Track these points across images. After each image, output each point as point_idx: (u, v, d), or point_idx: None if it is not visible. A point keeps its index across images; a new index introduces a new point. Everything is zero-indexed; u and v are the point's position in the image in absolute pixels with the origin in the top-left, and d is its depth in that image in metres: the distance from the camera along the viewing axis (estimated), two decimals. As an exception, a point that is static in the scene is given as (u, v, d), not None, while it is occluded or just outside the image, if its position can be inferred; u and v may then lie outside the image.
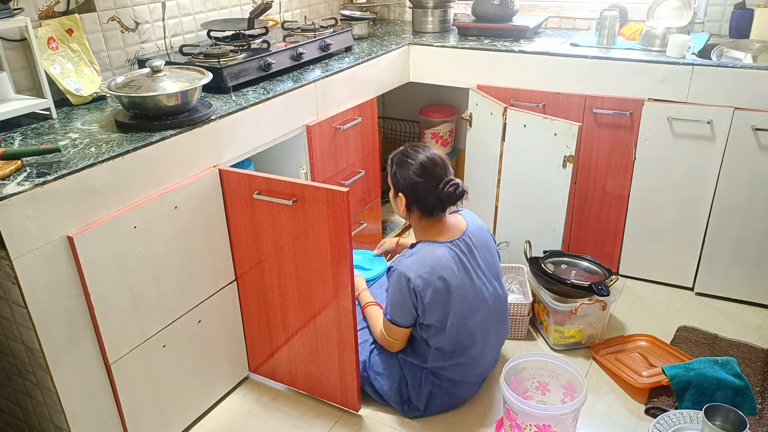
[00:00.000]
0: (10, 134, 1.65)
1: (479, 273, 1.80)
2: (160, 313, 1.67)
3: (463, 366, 1.83)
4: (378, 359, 1.89)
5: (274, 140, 2.00)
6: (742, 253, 2.29)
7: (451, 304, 1.73)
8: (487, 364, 1.91)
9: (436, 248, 1.73)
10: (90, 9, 1.98)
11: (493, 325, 1.85)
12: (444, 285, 1.71)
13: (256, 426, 1.90)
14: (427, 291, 1.69)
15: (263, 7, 2.24)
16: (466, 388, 1.90)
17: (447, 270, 1.71)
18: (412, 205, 1.78)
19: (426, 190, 1.73)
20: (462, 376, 1.85)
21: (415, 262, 1.71)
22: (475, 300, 1.77)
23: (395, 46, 2.56)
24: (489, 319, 1.82)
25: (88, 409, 1.55)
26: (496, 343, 1.94)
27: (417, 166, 1.74)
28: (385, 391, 1.88)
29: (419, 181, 1.73)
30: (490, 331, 1.85)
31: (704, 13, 2.55)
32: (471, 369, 1.85)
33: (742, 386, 1.82)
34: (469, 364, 1.83)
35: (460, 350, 1.79)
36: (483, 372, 1.92)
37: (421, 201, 1.76)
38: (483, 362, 1.88)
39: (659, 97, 2.24)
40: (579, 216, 2.55)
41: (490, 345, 1.88)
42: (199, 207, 1.72)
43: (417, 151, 1.77)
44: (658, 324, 2.29)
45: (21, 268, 1.34)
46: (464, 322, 1.76)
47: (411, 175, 1.74)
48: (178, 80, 1.74)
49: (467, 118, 2.59)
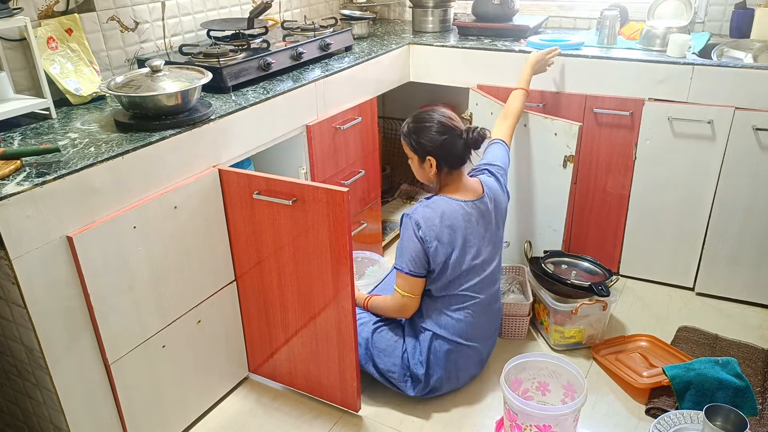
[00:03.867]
0: (9, 134, 1.65)
1: (488, 237, 1.88)
2: (159, 313, 1.67)
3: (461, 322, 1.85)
4: (380, 336, 1.91)
5: (273, 140, 1.99)
6: (743, 253, 2.29)
7: (452, 257, 1.80)
8: (482, 329, 1.91)
9: (450, 203, 1.82)
10: (89, 9, 1.98)
11: (489, 294, 1.90)
12: (451, 240, 1.79)
13: (256, 426, 1.90)
14: (433, 243, 1.78)
15: (263, 7, 2.23)
16: (463, 354, 1.89)
17: (458, 226, 1.80)
18: (441, 163, 1.84)
19: (452, 144, 1.82)
20: (452, 332, 1.85)
21: (428, 212, 1.80)
22: (475, 260, 1.84)
23: (395, 46, 2.56)
24: (485, 285, 1.88)
25: (87, 409, 1.55)
26: (489, 320, 1.95)
27: (437, 126, 1.82)
28: (388, 366, 1.89)
29: (444, 138, 1.81)
30: (483, 296, 1.89)
31: (705, 13, 2.55)
32: (468, 327, 1.86)
33: (742, 386, 1.82)
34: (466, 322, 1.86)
35: (462, 304, 1.85)
36: (473, 339, 1.89)
37: (449, 156, 1.83)
38: (477, 324, 1.88)
39: (660, 96, 2.24)
40: (579, 216, 2.54)
41: (483, 312, 1.90)
42: (198, 207, 1.72)
43: (430, 114, 1.84)
44: (659, 324, 2.29)
45: (20, 268, 1.34)
46: (463, 277, 1.84)
47: (435, 136, 1.81)
48: (177, 80, 1.74)
49: (467, 118, 2.59)
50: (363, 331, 1.92)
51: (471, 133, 1.81)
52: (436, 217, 1.79)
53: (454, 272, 1.82)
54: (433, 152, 1.83)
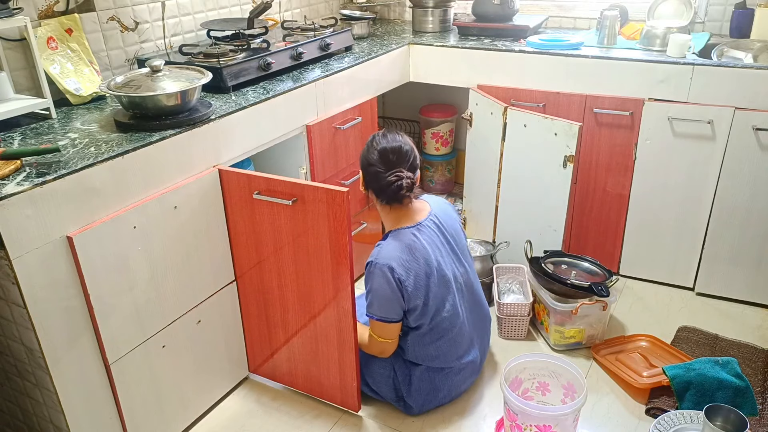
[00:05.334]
0: (9, 134, 1.65)
1: (448, 251, 1.83)
2: (159, 314, 1.67)
3: (441, 347, 1.82)
4: (371, 360, 1.89)
5: (274, 140, 1.99)
6: (743, 253, 2.29)
7: (429, 285, 1.75)
8: (466, 346, 1.88)
9: (406, 235, 1.76)
10: (89, 9, 1.98)
11: (466, 305, 1.87)
12: (423, 269, 1.74)
13: (256, 426, 1.90)
14: (410, 278, 1.71)
15: (263, 7, 2.23)
16: (450, 378, 1.87)
17: (423, 252, 1.74)
18: (368, 186, 1.81)
19: (375, 174, 1.76)
20: (443, 360, 1.83)
21: (392, 251, 1.72)
22: (444, 280, 1.79)
23: (395, 46, 2.56)
24: (461, 298, 1.85)
25: (87, 409, 1.55)
26: (476, 327, 1.94)
27: (376, 154, 1.76)
28: (382, 391, 1.90)
29: (375, 167, 1.75)
30: (462, 310, 1.85)
31: (705, 13, 2.55)
32: (450, 349, 1.83)
33: (742, 386, 1.82)
34: (447, 344, 1.82)
35: (437, 329, 1.80)
36: (464, 355, 1.87)
37: (377, 187, 1.78)
38: (462, 343, 1.86)
39: (660, 96, 2.24)
40: (579, 216, 2.54)
41: (466, 326, 1.87)
42: (198, 207, 1.72)
43: (384, 138, 1.78)
44: (659, 324, 2.29)
45: (20, 268, 1.34)
46: (440, 301, 1.78)
47: (369, 160, 1.77)
48: (177, 80, 1.74)
49: (467, 118, 2.59)
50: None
51: (391, 175, 1.72)
52: (404, 252, 1.72)
53: (434, 302, 1.77)
54: (363, 174, 1.81)
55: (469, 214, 2.75)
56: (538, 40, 2.47)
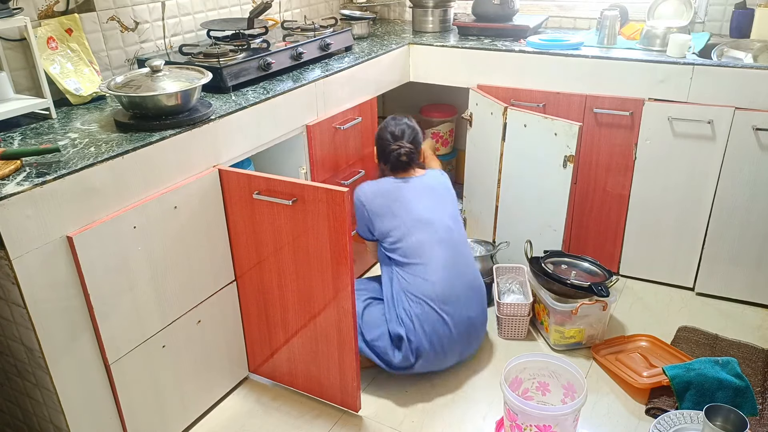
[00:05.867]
0: (9, 134, 1.65)
1: (428, 203, 2.07)
2: (159, 313, 1.67)
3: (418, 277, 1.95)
4: (369, 311, 2.02)
5: (274, 140, 1.99)
6: (743, 253, 2.29)
7: (396, 214, 2.03)
8: (452, 297, 1.96)
9: (387, 179, 2.14)
10: (89, 9, 1.98)
11: (441, 250, 2.00)
12: (387, 199, 2.05)
13: (256, 426, 1.90)
14: (374, 202, 2.05)
15: (263, 7, 2.23)
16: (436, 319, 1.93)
17: (393, 189, 2.08)
18: (379, 156, 2.22)
19: (385, 146, 2.17)
20: (422, 293, 1.93)
21: (368, 184, 2.13)
22: (422, 221, 2.03)
23: (395, 46, 2.56)
24: (434, 242, 2.00)
25: (87, 409, 1.55)
26: (460, 275, 2.01)
27: (387, 131, 2.19)
28: (375, 336, 1.96)
29: (384, 140, 2.18)
30: (437, 253, 1.99)
31: (705, 13, 2.55)
32: (426, 284, 1.94)
33: (742, 386, 1.82)
34: (422, 279, 1.95)
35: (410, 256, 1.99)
36: (449, 302, 1.95)
37: (381, 154, 2.20)
38: (436, 281, 1.95)
39: (660, 96, 2.24)
40: (579, 216, 2.54)
41: (440, 266, 1.97)
42: (198, 207, 1.72)
43: (394, 120, 2.22)
44: (659, 324, 2.29)
45: (20, 268, 1.34)
46: (408, 235, 2.00)
47: (380, 135, 2.21)
48: (177, 80, 1.74)
49: (467, 118, 2.59)
50: (357, 307, 1.95)
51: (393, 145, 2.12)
52: (375, 184, 2.12)
53: (401, 223, 2.01)
54: (376, 144, 2.24)
55: (469, 214, 2.75)
56: (538, 40, 2.47)
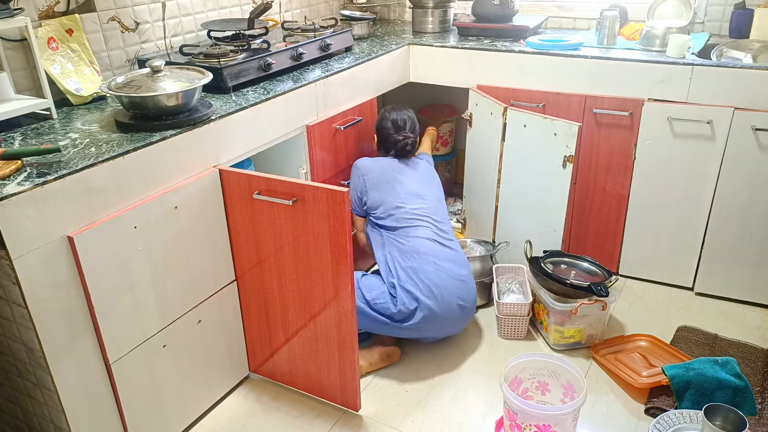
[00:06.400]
0: (10, 134, 1.65)
1: (420, 181, 2.23)
2: (160, 313, 1.67)
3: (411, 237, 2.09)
4: (367, 277, 2.12)
5: (274, 140, 2.00)
6: (742, 253, 2.29)
7: (392, 186, 2.18)
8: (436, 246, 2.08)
9: (388, 158, 2.29)
10: (90, 9, 1.98)
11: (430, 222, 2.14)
12: (385, 172, 2.21)
13: (256, 426, 1.91)
14: (372, 172, 2.20)
15: (263, 7, 2.24)
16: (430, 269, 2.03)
17: (392, 165, 2.25)
18: (380, 144, 2.34)
19: (388, 135, 2.29)
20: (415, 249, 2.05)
21: (366, 158, 2.28)
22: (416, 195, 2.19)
23: (395, 46, 2.56)
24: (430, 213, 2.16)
25: (88, 409, 1.55)
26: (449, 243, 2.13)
27: (389, 120, 2.30)
28: (376, 295, 2.03)
29: (387, 130, 2.29)
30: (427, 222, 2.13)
31: (704, 13, 2.55)
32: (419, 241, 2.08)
33: (742, 386, 1.82)
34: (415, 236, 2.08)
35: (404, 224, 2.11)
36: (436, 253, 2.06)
37: (384, 143, 2.32)
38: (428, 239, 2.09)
39: (659, 97, 2.24)
40: (579, 216, 2.55)
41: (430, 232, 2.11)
42: (199, 207, 1.72)
43: (394, 110, 2.33)
44: (658, 324, 2.29)
45: (21, 268, 1.34)
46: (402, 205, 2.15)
47: (383, 125, 2.31)
48: (178, 80, 1.74)
49: (467, 118, 2.59)
50: (356, 275, 2.03)
51: (399, 135, 2.26)
52: (375, 159, 2.27)
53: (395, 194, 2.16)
54: (376, 133, 2.35)
55: (469, 214, 2.76)
56: (538, 41, 2.47)
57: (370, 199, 2.18)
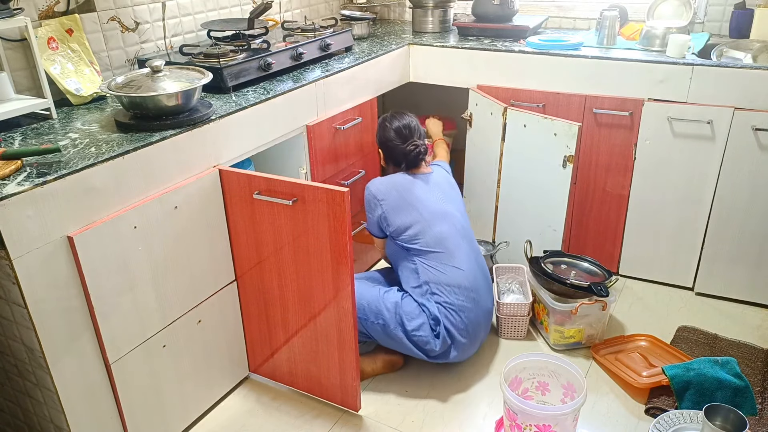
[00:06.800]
0: (10, 134, 1.65)
1: (441, 197, 2.10)
2: (160, 313, 1.67)
3: (447, 266, 1.98)
4: (406, 301, 1.99)
5: (274, 140, 2.00)
6: (743, 253, 2.29)
7: (414, 207, 2.03)
8: (471, 276, 2.00)
9: (398, 175, 2.13)
10: (90, 9, 1.98)
11: (462, 241, 2.05)
12: (403, 192, 2.05)
13: (256, 426, 1.90)
14: (389, 195, 2.04)
15: (263, 7, 2.24)
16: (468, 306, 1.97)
17: (407, 183, 2.08)
18: (388, 160, 2.18)
19: (395, 148, 2.13)
20: (452, 280, 1.96)
21: (380, 180, 2.11)
22: (440, 213, 2.05)
23: (395, 46, 2.56)
24: (455, 233, 2.04)
25: (88, 409, 1.55)
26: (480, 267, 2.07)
27: (391, 130, 2.14)
28: (416, 326, 1.94)
29: (393, 142, 2.13)
30: (459, 243, 2.03)
31: (704, 13, 2.55)
32: (457, 272, 1.98)
33: (742, 386, 1.82)
34: (452, 267, 1.98)
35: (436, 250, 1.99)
36: (472, 286, 1.99)
37: (392, 156, 2.16)
38: (466, 270, 2.00)
39: (659, 97, 2.24)
40: (579, 216, 2.55)
41: (465, 255, 2.02)
42: (199, 207, 1.72)
43: (394, 118, 2.17)
44: (658, 324, 2.29)
45: (21, 268, 1.34)
46: (429, 227, 2.01)
47: (386, 137, 2.15)
48: (178, 80, 1.74)
49: (467, 118, 2.59)
50: (391, 297, 2.00)
51: (409, 145, 2.10)
52: (388, 179, 2.11)
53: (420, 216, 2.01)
54: (381, 147, 2.19)
55: (469, 214, 2.74)
56: (538, 41, 2.47)
57: (393, 225, 2.02)
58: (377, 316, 1.97)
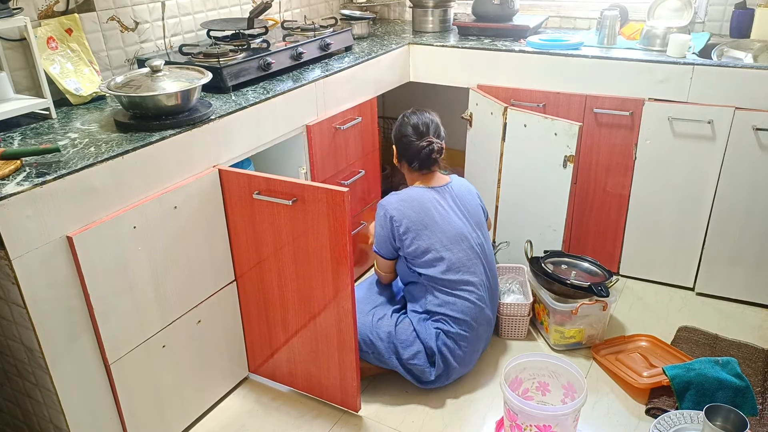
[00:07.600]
0: (9, 134, 1.65)
1: (460, 216, 2.00)
2: (159, 314, 1.67)
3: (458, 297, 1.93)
4: (401, 329, 1.95)
5: (274, 140, 1.99)
6: (743, 253, 2.29)
7: (431, 231, 1.94)
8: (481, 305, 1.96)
9: (417, 189, 2.01)
10: (89, 9, 1.98)
11: (477, 261, 1.99)
12: (420, 214, 1.94)
13: (256, 426, 1.90)
14: (403, 220, 1.94)
15: (263, 7, 2.23)
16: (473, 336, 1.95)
17: (424, 201, 1.97)
18: (401, 157, 2.08)
19: (409, 144, 2.03)
20: (459, 311, 1.92)
21: (396, 198, 1.99)
22: (456, 236, 1.96)
23: (395, 46, 2.56)
24: (473, 256, 1.98)
25: (87, 409, 1.55)
26: (493, 290, 2.05)
27: (408, 125, 2.04)
28: (411, 355, 1.91)
29: (408, 137, 2.03)
30: (474, 265, 1.97)
31: (705, 13, 2.55)
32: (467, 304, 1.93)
33: (742, 386, 1.82)
34: (463, 298, 1.93)
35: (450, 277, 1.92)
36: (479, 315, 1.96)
37: (405, 153, 2.05)
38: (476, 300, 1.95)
39: (660, 96, 2.24)
40: (579, 216, 2.54)
41: (478, 280, 1.97)
42: (198, 207, 1.72)
43: (414, 114, 2.07)
44: (659, 324, 2.29)
45: (20, 268, 1.34)
46: (445, 254, 1.94)
47: (402, 133, 2.05)
48: (177, 80, 1.74)
49: (467, 118, 2.59)
50: (385, 326, 1.95)
51: (422, 141, 2.00)
52: (404, 195, 1.99)
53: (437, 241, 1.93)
54: (395, 144, 2.09)
55: (469, 214, 2.75)
56: (538, 40, 2.47)
57: (408, 248, 1.94)
58: (369, 346, 1.94)
